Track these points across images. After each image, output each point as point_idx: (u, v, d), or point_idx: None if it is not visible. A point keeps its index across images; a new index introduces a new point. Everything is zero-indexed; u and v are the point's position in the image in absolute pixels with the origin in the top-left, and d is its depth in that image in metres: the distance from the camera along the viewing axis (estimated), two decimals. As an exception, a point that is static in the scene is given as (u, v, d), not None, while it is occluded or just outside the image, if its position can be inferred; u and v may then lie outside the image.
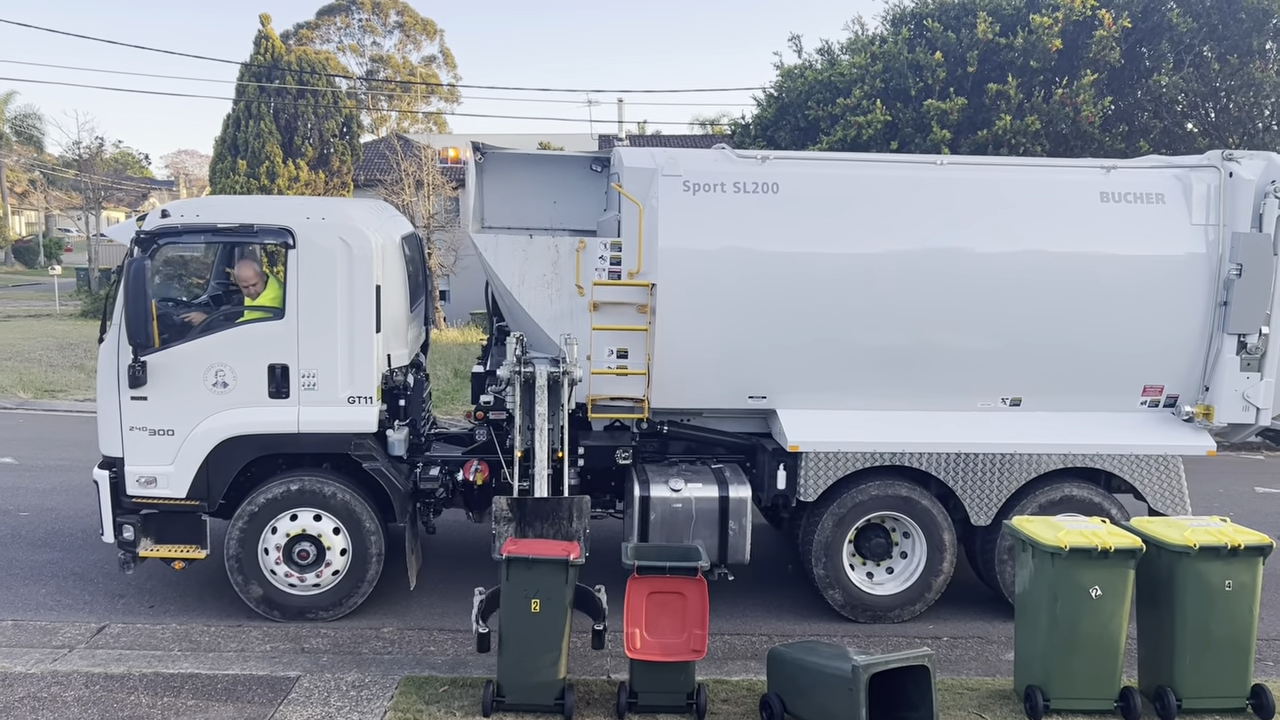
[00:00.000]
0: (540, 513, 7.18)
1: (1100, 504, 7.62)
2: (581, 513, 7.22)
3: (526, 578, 5.95)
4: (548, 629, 5.95)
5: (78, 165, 46.98)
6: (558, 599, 5.95)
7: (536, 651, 5.96)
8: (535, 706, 6.00)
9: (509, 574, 5.98)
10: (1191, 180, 7.66)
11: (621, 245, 7.46)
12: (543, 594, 5.94)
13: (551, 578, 5.95)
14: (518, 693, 5.99)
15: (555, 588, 5.95)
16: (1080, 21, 16.74)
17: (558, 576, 5.95)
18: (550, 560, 5.94)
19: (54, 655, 6.79)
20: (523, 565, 5.95)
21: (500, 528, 7.12)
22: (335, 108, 29.08)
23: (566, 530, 7.23)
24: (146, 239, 7.02)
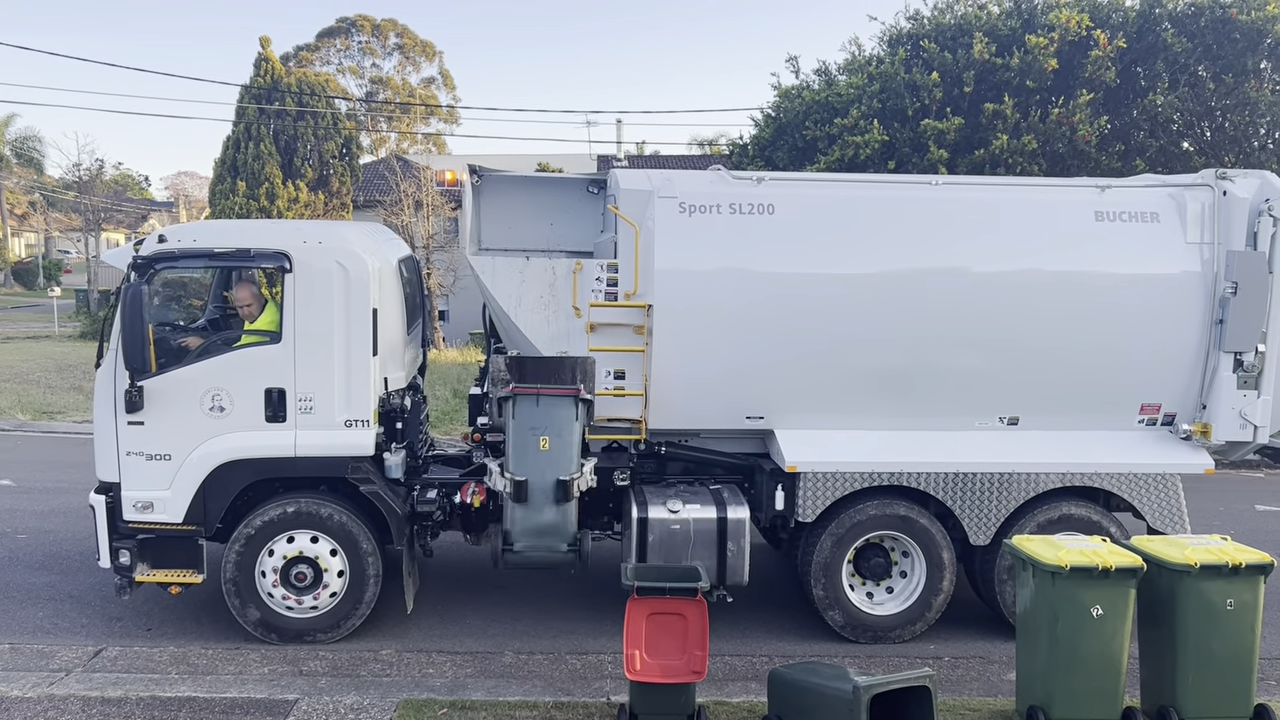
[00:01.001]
0: (541, 373, 6.87)
1: (1099, 523, 7.61)
2: (586, 374, 6.90)
3: (534, 414, 5.81)
4: (558, 457, 6.11)
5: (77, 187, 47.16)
6: (568, 433, 5.90)
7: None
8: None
9: (516, 410, 5.85)
10: (1186, 199, 7.69)
11: (618, 267, 7.49)
12: (551, 430, 5.78)
13: (562, 410, 5.75)
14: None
15: (566, 421, 5.75)
16: (1076, 42, 16.83)
17: (567, 410, 5.76)
18: (559, 397, 5.97)
19: (51, 679, 6.76)
20: (530, 401, 5.94)
21: (498, 388, 6.91)
22: (335, 129, 29.19)
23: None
24: (143, 264, 7.03)
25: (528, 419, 6.48)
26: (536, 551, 6.66)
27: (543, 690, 6.72)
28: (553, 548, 6.54)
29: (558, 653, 7.47)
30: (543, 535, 6.63)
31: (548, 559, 6.74)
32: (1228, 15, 16.04)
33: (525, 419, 6.50)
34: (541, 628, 7.96)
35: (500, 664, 7.25)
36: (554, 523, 6.62)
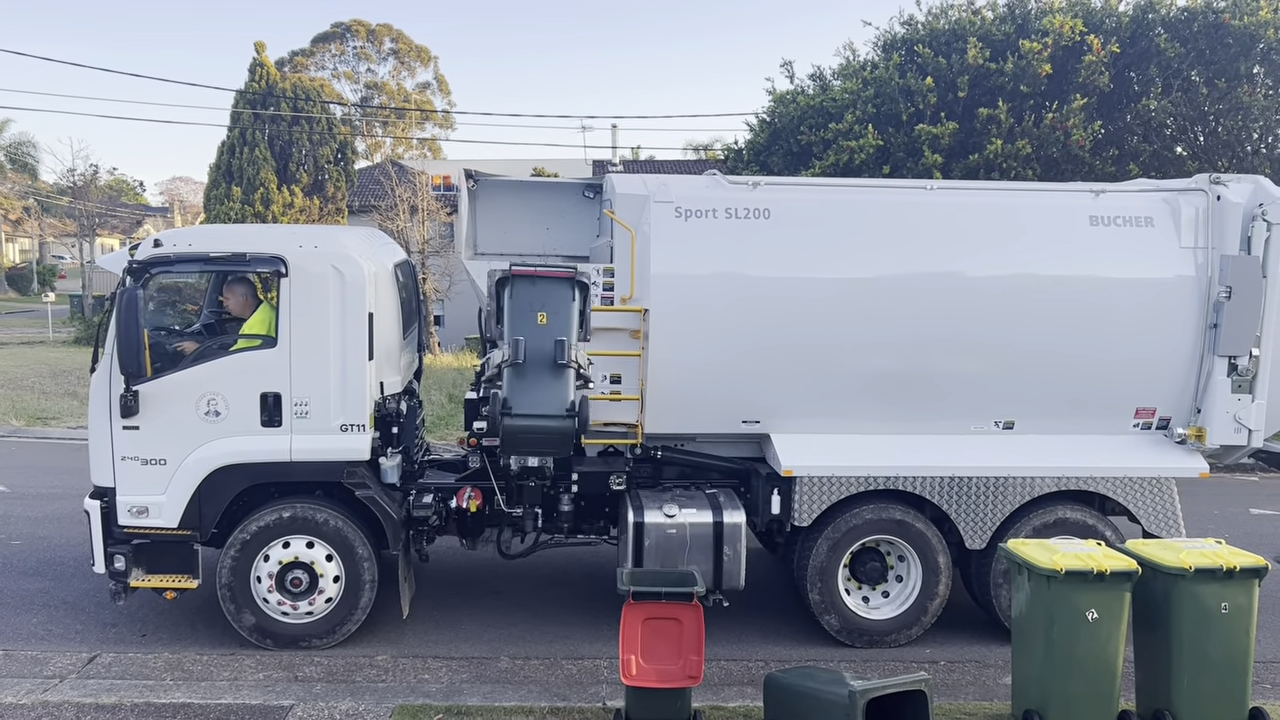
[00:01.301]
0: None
1: (1095, 526, 7.62)
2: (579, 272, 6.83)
3: (531, 293, 6.05)
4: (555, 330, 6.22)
5: (72, 192, 47.06)
6: (565, 312, 6.16)
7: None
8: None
9: (513, 291, 6.14)
10: (1180, 204, 7.72)
11: (614, 271, 7.49)
12: (549, 308, 6.02)
13: (558, 290, 6.02)
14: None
15: (563, 301, 6.09)
16: (1069, 47, 16.89)
17: (564, 291, 6.02)
18: (556, 279, 6.18)
19: (45, 685, 6.73)
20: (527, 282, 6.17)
21: (494, 277, 6.77)
22: (330, 134, 29.19)
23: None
24: (139, 268, 7.02)
25: (525, 298, 6.44)
26: (535, 418, 6.42)
27: (539, 695, 6.71)
28: (551, 412, 6.36)
29: (554, 658, 7.46)
30: (541, 400, 6.44)
31: (545, 426, 6.46)
32: (1220, 20, 16.11)
33: (523, 298, 6.45)
34: (537, 633, 7.95)
35: (496, 669, 7.24)
36: (552, 387, 6.46)
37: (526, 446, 6.68)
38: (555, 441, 6.61)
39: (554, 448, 6.69)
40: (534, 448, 6.70)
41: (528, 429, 6.39)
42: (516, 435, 6.54)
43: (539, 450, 6.78)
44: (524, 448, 6.73)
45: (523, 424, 6.43)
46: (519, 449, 6.79)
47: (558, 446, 6.67)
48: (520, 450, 6.81)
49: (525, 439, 6.55)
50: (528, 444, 6.62)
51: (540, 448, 6.69)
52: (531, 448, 6.71)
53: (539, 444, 6.61)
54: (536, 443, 6.59)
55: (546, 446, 6.66)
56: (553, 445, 6.65)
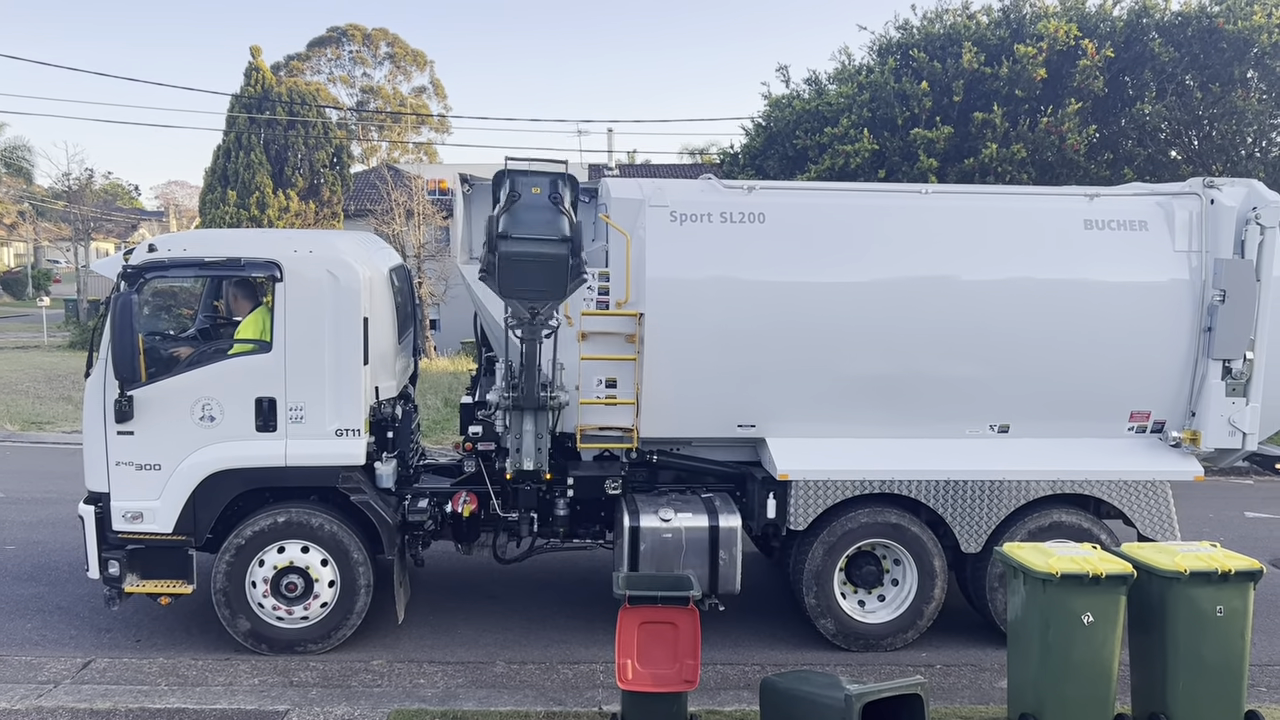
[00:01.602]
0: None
1: (1090, 530, 7.63)
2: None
3: (527, 180, 6.57)
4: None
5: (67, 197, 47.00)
6: (559, 266, 6.40)
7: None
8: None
9: (511, 182, 6.52)
10: (1174, 207, 7.74)
11: (609, 275, 7.49)
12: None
13: (554, 249, 6.33)
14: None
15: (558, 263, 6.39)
16: (1064, 51, 16.93)
17: (560, 247, 6.35)
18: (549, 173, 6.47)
19: (39, 691, 6.72)
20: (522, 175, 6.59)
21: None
22: (325, 138, 29.17)
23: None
24: (133, 273, 7.01)
25: (523, 182, 6.65)
26: (532, 241, 6.46)
27: (534, 700, 6.71)
28: (549, 236, 6.48)
29: (549, 662, 7.45)
30: (538, 227, 6.51)
31: (541, 250, 6.49)
32: (1214, 25, 16.16)
33: (521, 183, 6.66)
34: (533, 637, 7.94)
35: (492, 674, 7.23)
36: (548, 220, 6.55)
37: (524, 277, 6.51)
38: (553, 269, 6.47)
39: (552, 278, 6.50)
40: (532, 279, 6.54)
41: (526, 254, 6.41)
42: (514, 259, 6.44)
43: (537, 282, 6.54)
44: (521, 279, 6.52)
45: (520, 249, 6.42)
46: (516, 280, 6.52)
47: (555, 277, 6.49)
48: (517, 283, 6.53)
49: (522, 263, 6.45)
50: (525, 272, 6.48)
51: (538, 279, 6.53)
52: (529, 278, 6.54)
53: (537, 272, 6.50)
54: (534, 270, 6.50)
55: (544, 275, 6.50)
56: (550, 274, 6.48)
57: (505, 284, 6.55)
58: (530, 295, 6.58)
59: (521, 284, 6.53)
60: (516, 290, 6.57)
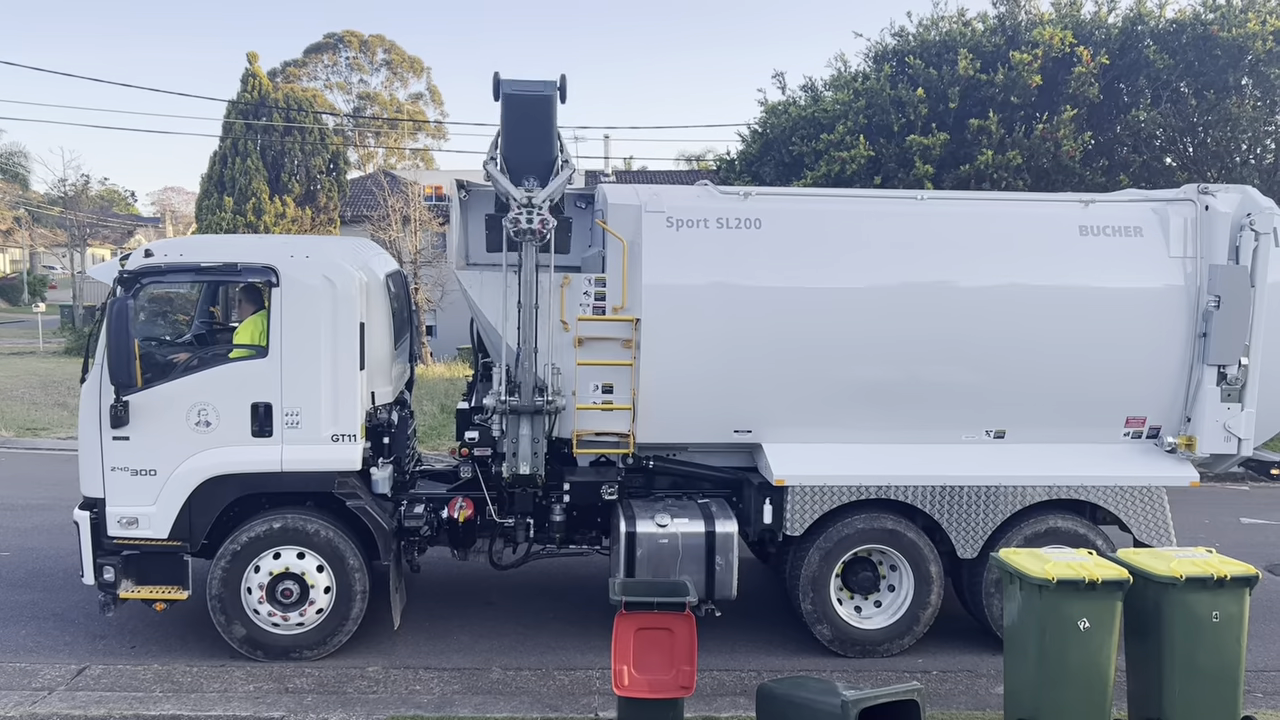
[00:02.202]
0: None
1: (1086, 535, 7.63)
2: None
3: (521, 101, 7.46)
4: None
5: (63, 203, 46.99)
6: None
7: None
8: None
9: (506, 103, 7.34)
10: (1169, 214, 7.76)
11: (606, 281, 7.50)
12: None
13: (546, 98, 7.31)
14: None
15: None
16: (1059, 58, 17.01)
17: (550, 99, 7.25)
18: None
19: (33, 697, 6.69)
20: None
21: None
22: (322, 144, 29.20)
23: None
24: (130, 278, 7.01)
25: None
26: (525, 83, 7.36)
27: (530, 707, 6.69)
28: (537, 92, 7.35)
29: (545, 668, 7.44)
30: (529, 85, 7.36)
31: (535, 93, 7.39)
32: (1209, 32, 16.24)
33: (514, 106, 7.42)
34: (529, 643, 7.92)
35: (487, 680, 7.22)
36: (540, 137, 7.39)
37: (520, 112, 7.40)
38: (546, 105, 7.35)
39: (543, 116, 7.36)
40: (527, 115, 7.40)
41: (520, 95, 7.30)
42: (511, 102, 7.33)
43: (531, 118, 7.39)
44: (518, 115, 7.40)
45: (514, 90, 7.32)
46: (513, 113, 7.37)
47: (545, 113, 7.36)
48: (513, 121, 7.39)
49: (518, 101, 7.36)
50: (521, 104, 7.38)
51: (533, 117, 7.40)
52: (526, 116, 7.40)
53: (529, 109, 7.39)
54: (527, 106, 7.38)
55: (538, 115, 7.39)
56: (543, 111, 7.36)
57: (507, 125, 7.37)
58: (529, 137, 7.39)
59: (521, 116, 7.39)
60: (513, 121, 7.40)
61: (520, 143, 7.39)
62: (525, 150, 7.37)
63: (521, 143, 7.39)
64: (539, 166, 7.37)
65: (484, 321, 7.65)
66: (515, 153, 7.39)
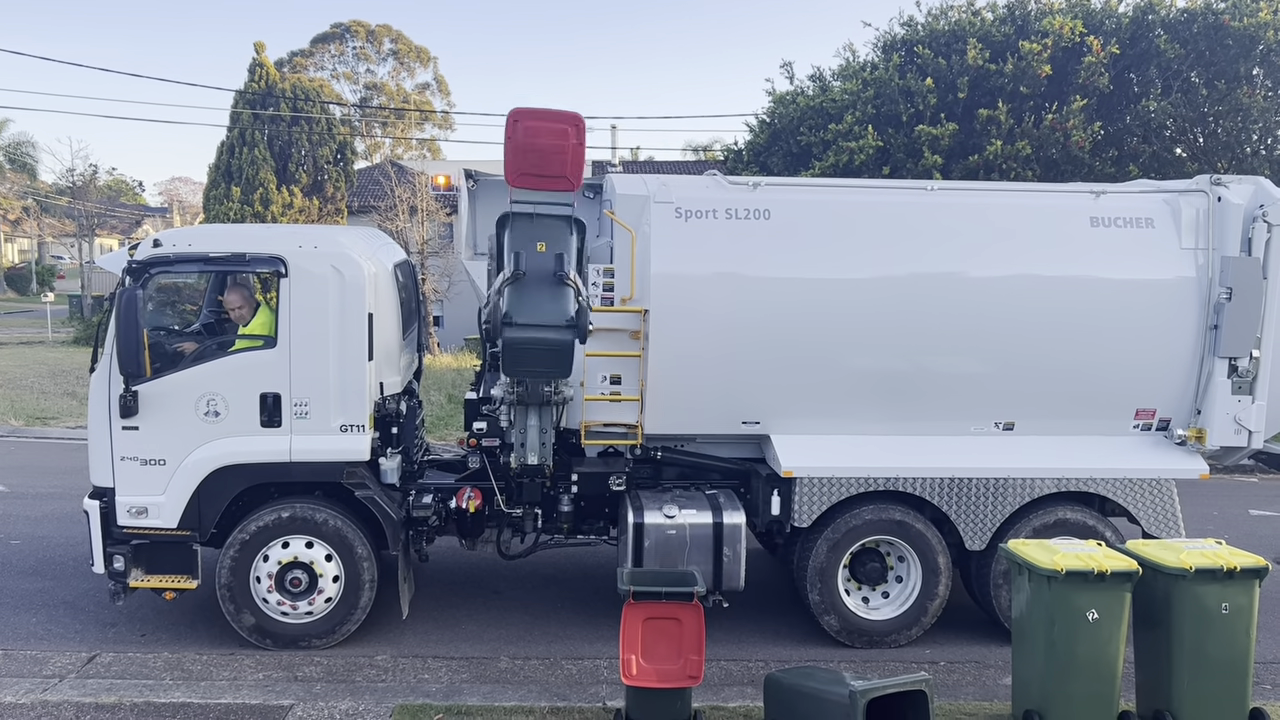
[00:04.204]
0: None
1: (1095, 527, 7.61)
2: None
3: (529, 228, 6.64)
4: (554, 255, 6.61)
5: (71, 192, 47.08)
6: (563, 243, 6.54)
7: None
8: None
9: (513, 226, 6.67)
10: (1180, 205, 7.72)
11: (614, 271, 7.48)
12: (548, 239, 6.60)
13: (558, 227, 6.64)
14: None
15: (561, 233, 6.63)
16: (1069, 48, 16.90)
17: (563, 226, 6.61)
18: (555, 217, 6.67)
19: (44, 685, 6.73)
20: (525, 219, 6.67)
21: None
22: (329, 134, 29.16)
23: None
24: (138, 268, 7.01)
25: (524, 232, 6.63)
26: (536, 328, 6.51)
27: (538, 695, 6.71)
28: (553, 322, 6.48)
29: (553, 658, 7.46)
30: (542, 310, 6.54)
31: (547, 338, 6.56)
32: (1220, 22, 16.12)
33: (522, 232, 6.63)
34: (537, 633, 7.94)
35: (496, 669, 7.24)
36: (553, 299, 6.56)
37: (528, 361, 6.65)
38: (557, 355, 6.58)
39: (555, 363, 6.63)
40: (535, 363, 6.66)
41: (530, 340, 6.48)
42: (518, 346, 6.54)
43: (540, 365, 6.68)
44: (525, 363, 6.67)
45: (524, 335, 6.49)
46: (520, 363, 6.67)
47: (559, 361, 6.63)
48: (521, 365, 6.69)
49: (527, 350, 6.55)
50: (529, 358, 6.61)
51: (542, 363, 6.65)
52: (533, 363, 6.66)
53: (540, 357, 6.61)
54: (538, 356, 6.60)
55: (548, 359, 6.62)
56: (554, 359, 6.60)
57: (510, 363, 6.71)
58: (536, 375, 6.85)
59: (526, 366, 6.72)
60: (522, 367, 6.75)
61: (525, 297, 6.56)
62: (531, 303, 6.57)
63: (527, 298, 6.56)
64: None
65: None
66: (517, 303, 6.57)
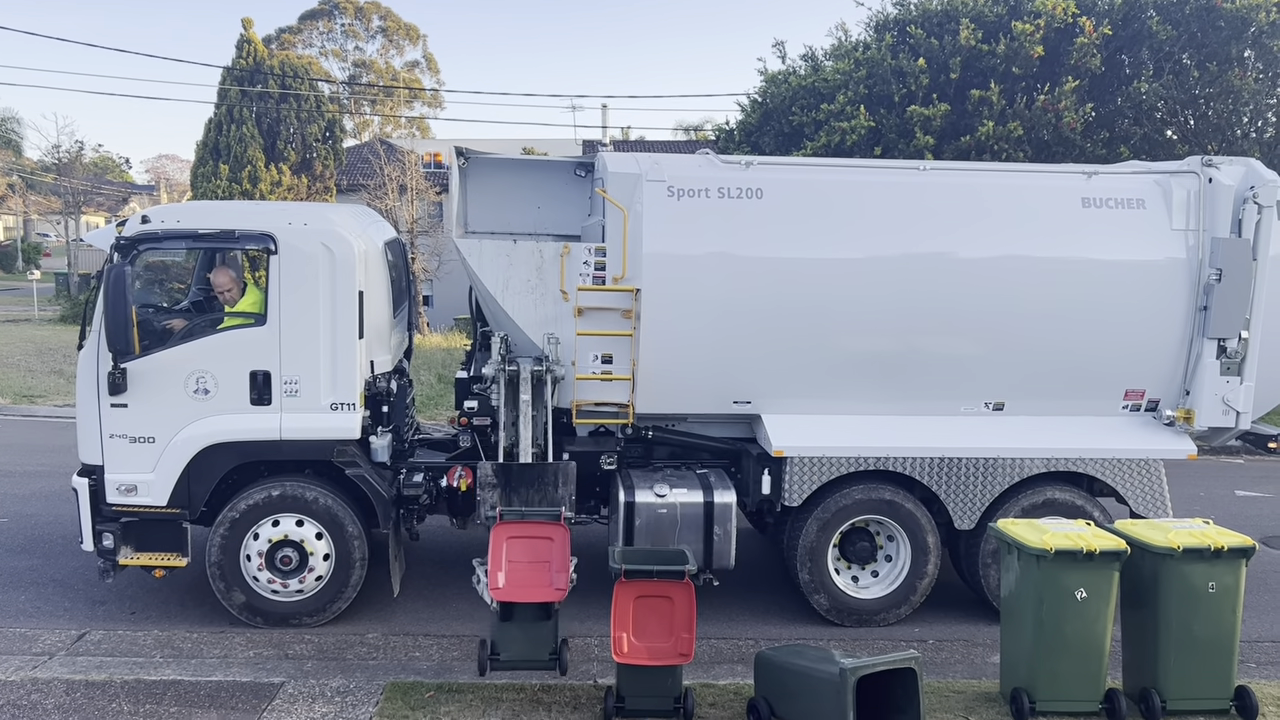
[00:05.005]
0: (525, 478, 7.36)
1: (1083, 507, 7.66)
2: (567, 479, 7.45)
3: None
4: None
5: (57, 169, 46.69)
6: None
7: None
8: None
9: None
10: (1172, 186, 7.72)
11: (606, 250, 7.46)
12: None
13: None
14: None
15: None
16: (1061, 29, 16.85)
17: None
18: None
19: (34, 662, 6.72)
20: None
21: (485, 493, 7.36)
22: (318, 112, 28.96)
23: (552, 496, 7.40)
24: (127, 245, 6.96)
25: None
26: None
27: (529, 673, 6.72)
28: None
29: (544, 636, 7.46)
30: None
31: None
32: (1212, 3, 16.08)
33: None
34: (528, 611, 7.94)
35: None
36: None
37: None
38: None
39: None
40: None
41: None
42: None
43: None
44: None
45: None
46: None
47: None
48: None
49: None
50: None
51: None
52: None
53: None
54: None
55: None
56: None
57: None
58: None
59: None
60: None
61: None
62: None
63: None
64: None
65: (483, 290, 7.61)
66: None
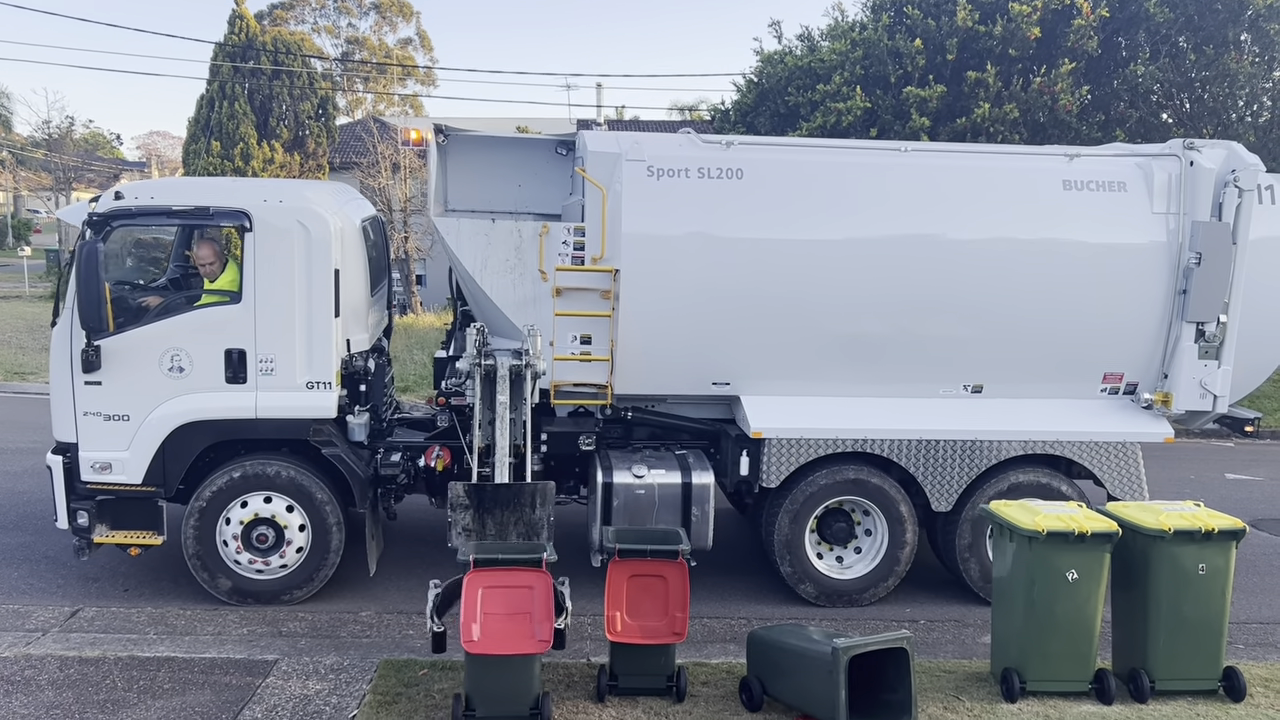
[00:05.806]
0: (500, 500, 6.88)
1: (1061, 490, 7.65)
2: (545, 499, 6.87)
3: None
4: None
5: (47, 145, 46.47)
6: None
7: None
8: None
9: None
10: (1153, 169, 7.67)
11: (585, 230, 7.41)
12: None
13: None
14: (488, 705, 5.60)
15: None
16: (1058, 10, 16.74)
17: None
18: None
19: (27, 639, 6.71)
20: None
21: (457, 515, 6.83)
22: (310, 89, 28.75)
23: (529, 518, 6.99)
24: (99, 221, 6.90)
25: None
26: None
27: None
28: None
29: (532, 615, 7.45)
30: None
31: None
32: (1209, -14, 15.98)
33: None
34: (511, 591, 7.93)
35: (474, 626, 7.23)
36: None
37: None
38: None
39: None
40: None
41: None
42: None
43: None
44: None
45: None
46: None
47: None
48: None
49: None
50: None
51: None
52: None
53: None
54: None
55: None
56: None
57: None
58: None
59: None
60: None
61: None
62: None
63: None
64: None
65: (461, 270, 7.57)
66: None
